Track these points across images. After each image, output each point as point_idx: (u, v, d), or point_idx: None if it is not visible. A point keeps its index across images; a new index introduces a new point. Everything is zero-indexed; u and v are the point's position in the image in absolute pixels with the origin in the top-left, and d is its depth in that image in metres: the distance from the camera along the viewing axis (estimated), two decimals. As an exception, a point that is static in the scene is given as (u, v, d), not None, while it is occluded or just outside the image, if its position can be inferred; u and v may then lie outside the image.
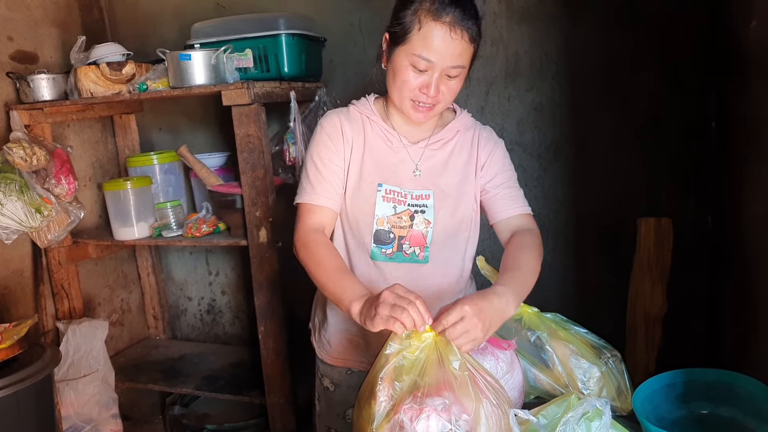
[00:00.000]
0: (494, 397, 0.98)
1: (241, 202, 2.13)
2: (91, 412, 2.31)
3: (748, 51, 1.64)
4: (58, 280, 2.41)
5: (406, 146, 1.35)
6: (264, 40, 2.13)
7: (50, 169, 2.20)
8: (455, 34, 1.19)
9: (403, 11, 1.22)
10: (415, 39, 1.20)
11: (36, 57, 2.42)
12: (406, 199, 1.33)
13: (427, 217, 1.33)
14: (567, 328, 1.34)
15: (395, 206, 1.32)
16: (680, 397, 1.23)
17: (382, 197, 1.31)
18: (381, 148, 1.35)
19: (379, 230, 1.32)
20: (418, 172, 1.35)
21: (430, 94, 1.23)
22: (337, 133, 1.34)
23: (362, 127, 1.36)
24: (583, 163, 2.25)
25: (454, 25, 1.18)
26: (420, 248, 1.34)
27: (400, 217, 1.32)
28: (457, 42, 1.19)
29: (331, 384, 1.50)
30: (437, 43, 1.19)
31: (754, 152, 1.60)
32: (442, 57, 1.20)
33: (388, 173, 1.34)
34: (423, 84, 1.23)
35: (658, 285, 2.06)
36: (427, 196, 1.33)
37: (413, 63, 1.21)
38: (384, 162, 1.34)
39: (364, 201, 1.32)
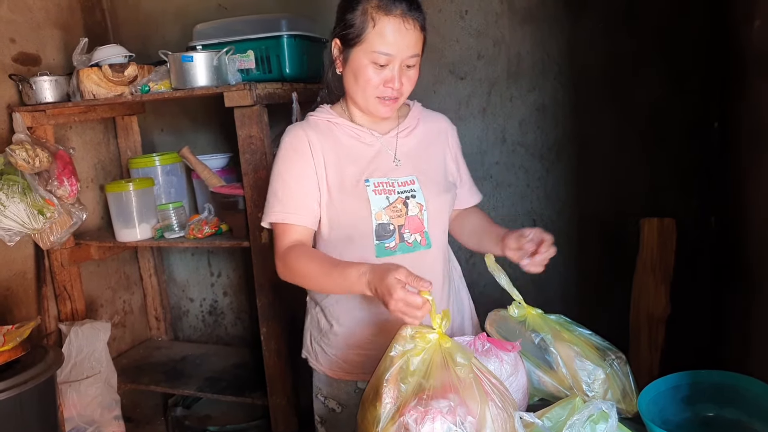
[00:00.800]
0: (499, 399, 0.98)
1: (244, 203, 2.13)
2: (94, 413, 2.31)
3: (751, 51, 1.63)
4: (61, 281, 2.41)
5: (378, 138, 1.37)
6: (266, 41, 2.13)
7: (53, 170, 2.20)
8: (408, 24, 1.24)
9: (350, 13, 1.26)
10: (371, 36, 1.24)
11: (38, 59, 2.43)
12: (395, 187, 1.33)
13: (419, 201, 1.34)
14: (571, 330, 1.33)
15: (387, 197, 1.32)
16: (685, 399, 1.22)
17: (372, 191, 1.31)
18: (355, 146, 1.36)
19: (379, 225, 1.31)
20: (397, 161, 1.37)
21: (395, 87, 1.27)
22: (304, 145, 1.32)
23: (329, 131, 1.35)
24: (585, 163, 2.24)
25: (405, 16, 1.23)
26: (420, 234, 1.35)
27: (394, 206, 1.32)
28: (410, 32, 1.24)
29: (338, 405, 1.44)
30: (393, 37, 1.23)
31: (757, 152, 1.59)
32: (399, 49, 1.24)
33: (371, 167, 1.34)
34: (385, 79, 1.27)
35: (661, 286, 2.06)
36: (413, 181, 1.35)
37: (373, 60, 1.25)
38: (362, 158, 1.35)
39: (356, 200, 1.31)
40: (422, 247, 1.35)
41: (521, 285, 1.48)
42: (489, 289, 2.37)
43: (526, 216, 2.33)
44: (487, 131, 2.32)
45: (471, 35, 2.28)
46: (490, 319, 1.39)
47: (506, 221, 2.36)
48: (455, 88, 2.32)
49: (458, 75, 2.32)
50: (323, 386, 1.45)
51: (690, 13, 2.03)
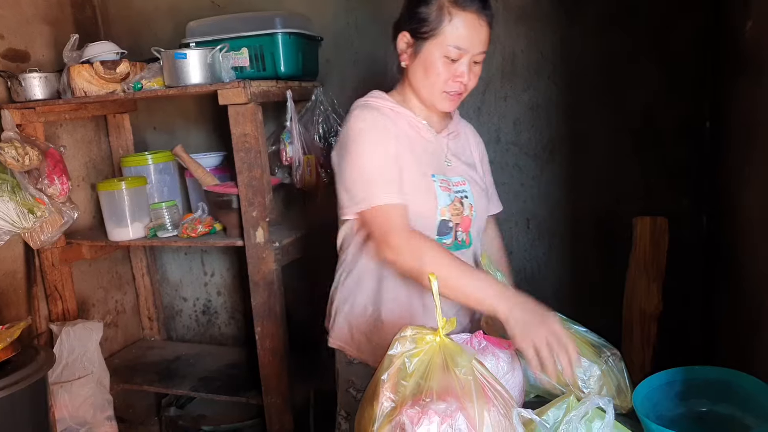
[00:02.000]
0: (502, 406, 0.97)
1: (238, 202, 2.12)
2: (86, 414, 2.29)
3: (744, 51, 1.65)
4: (52, 281, 2.38)
5: (435, 136, 1.39)
6: (260, 38, 2.12)
7: (43, 169, 2.17)
8: (482, 21, 1.27)
9: (424, 7, 1.28)
10: (447, 30, 1.26)
11: (27, 55, 2.40)
12: (451, 187, 1.35)
13: (470, 202, 1.38)
14: (567, 327, 1.33)
15: (449, 195, 1.34)
16: (679, 395, 1.23)
17: (439, 187, 1.33)
18: (416, 138, 1.37)
19: (441, 221, 1.33)
20: (447, 161, 1.39)
21: (464, 81, 1.29)
22: (386, 126, 1.30)
23: (396, 119, 1.35)
24: (579, 162, 2.25)
25: (479, 13, 1.27)
26: (466, 233, 1.38)
27: (455, 204, 1.35)
28: (483, 28, 1.28)
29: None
30: (468, 32, 1.26)
31: (749, 152, 1.61)
32: (473, 44, 1.27)
33: (432, 162, 1.36)
34: (455, 73, 1.29)
35: (653, 284, 2.07)
36: (464, 182, 1.39)
37: (446, 54, 1.27)
38: (424, 152, 1.36)
39: (425, 194, 1.31)
40: (465, 246, 1.39)
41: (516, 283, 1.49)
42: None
43: (519, 215, 2.34)
44: (481, 130, 2.27)
45: (465, 34, 2.28)
46: (486, 317, 1.39)
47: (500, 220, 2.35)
48: (449, 87, 2.32)
49: (452, 74, 2.32)
50: (358, 379, 1.41)
51: (683, 13, 2.04)
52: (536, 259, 2.37)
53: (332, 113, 2.35)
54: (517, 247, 2.36)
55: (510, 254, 2.35)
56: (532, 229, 2.34)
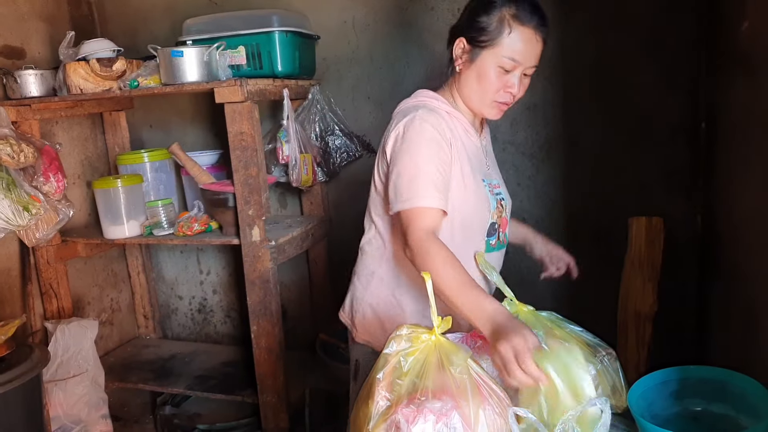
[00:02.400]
0: (497, 405, 0.98)
1: (234, 200, 2.12)
2: (81, 412, 2.28)
3: (739, 52, 1.65)
4: (47, 279, 2.38)
5: (479, 139, 1.45)
6: (257, 37, 2.11)
7: (38, 166, 2.17)
8: (539, 36, 1.31)
9: (485, 16, 1.30)
10: (505, 42, 1.29)
11: (23, 52, 2.39)
12: (492, 190, 1.41)
13: (506, 203, 1.45)
14: (562, 327, 1.34)
15: (495, 198, 1.41)
16: (674, 395, 1.24)
17: (489, 191, 1.39)
18: (467, 142, 1.40)
19: (491, 223, 1.40)
20: (487, 165, 1.45)
21: (514, 92, 1.33)
22: (444, 132, 1.32)
23: (450, 123, 1.37)
24: (575, 162, 2.26)
25: (537, 29, 1.30)
26: (504, 233, 1.46)
27: (498, 206, 1.42)
28: (539, 44, 1.31)
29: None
30: (525, 46, 1.29)
31: (743, 152, 1.61)
32: (527, 58, 1.30)
33: (481, 166, 1.42)
34: (507, 84, 1.32)
35: (648, 283, 2.08)
36: (499, 185, 1.45)
37: (501, 64, 1.30)
38: (474, 155, 1.40)
39: (479, 197, 1.36)
40: (503, 246, 1.48)
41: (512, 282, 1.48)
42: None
43: (515, 214, 2.30)
44: None
45: (462, 33, 2.28)
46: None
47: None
48: (446, 86, 2.32)
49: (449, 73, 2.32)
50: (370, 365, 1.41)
51: (679, 14, 2.04)
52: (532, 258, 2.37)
53: (329, 112, 2.34)
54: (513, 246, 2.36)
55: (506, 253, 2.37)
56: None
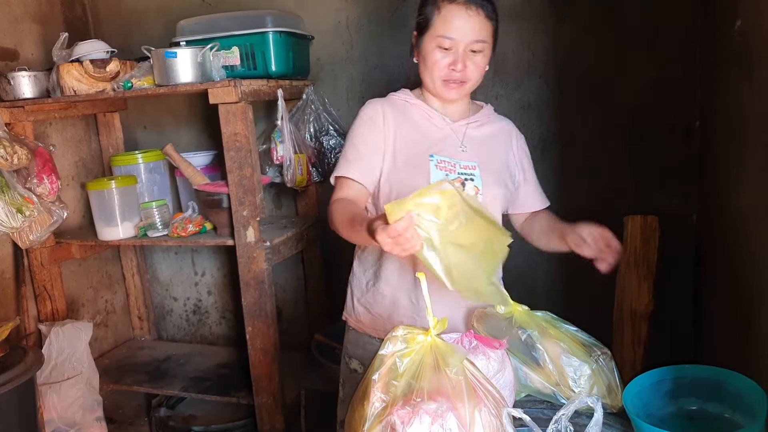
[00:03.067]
0: (493, 406, 0.97)
1: (228, 201, 2.11)
2: (75, 415, 2.27)
3: (733, 51, 1.66)
4: (41, 281, 2.36)
5: (449, 124, 1.46)
6: (251, 37, 2.11)
7: (32, 168, 2.16)
8: (471, 11, 1.33)
9: (424, 5, 1.39)
10: (437, 22, 1.35)
11: (16, 53, 2.38)
12: (455, 168, 1.41)
13: (476, 185, 1.42)
14: (557, 326, 1.34)
15: (447, 174, 1.40)
16: (669, 394, 1.24)
17: (435, 166, 1.39)
18: (426, 125, 1.45)
19: None
20: (463, 147, 1.45)
21: (458, 69, 1.36)
22: (378, 114, 1.43)
23: (405, 109, 1.46)
24: (569, 161, 2.26)
25: (468, 4, 1.33)
26: None
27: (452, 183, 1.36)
28: (473, 18, 1.34)
29: (359, 365, 1.51)
30: (456, 22, 1.34)
31: (738, 151, 1.62)
32: (462, 33, 1.34)
33: (438, 145, 1.42)
34: (451, 61, 1.36)
35: (644, 282, 2.08)
36: (474, 167, 1.43)
37: (438, 44, 1.35)
38: (431, 137, 1.44)
39: (418, 172, 1.39)
40: None
41: (507, 282, 1.49)
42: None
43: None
44: None
45: (456, 33, 2.28)
46: (476, 316, 1.39)
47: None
48: (441, 86, 2.32)
49: (444, 73, 2.32)
50: (350, 345, 1.53)
51: (673, 13, 2.05)
52: (528, 257, 2.37)
53: (323, 112, 2.34)
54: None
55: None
56: (523, 228, 2.34)
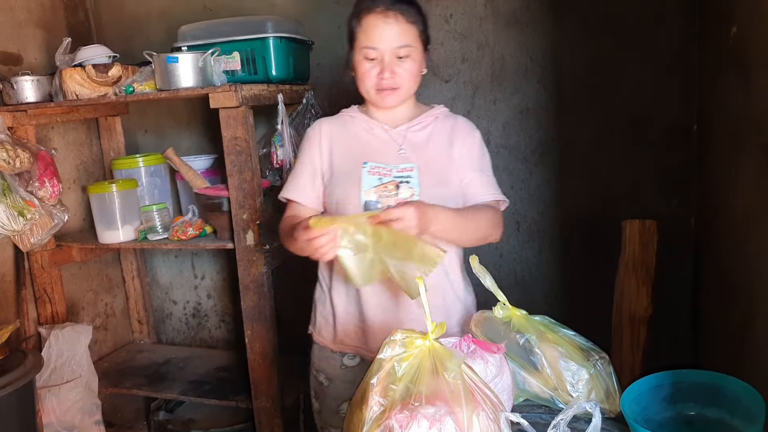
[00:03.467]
0: (491, 410, 0.98)
1: (228, 204, 2.12)
2: (74, 418, 2.27)
3: (730, 56, 1.67)
4: (41, 284, 2.37)
5: (388, 131, 1.49)
6: (252, 42, 2.12)
7: (34, 171, 2.16)
8: (389, 18, 1.37)
9: (349, 19, 1.44)
10: (360, 34, 1.40)
11: (20, 58, 2.39)
12: (391, 172, 1.44)
13: (411, 186, 1.42)
14: (555, 331, 1.34)
15: (380, 178, 1.43)
16: (668, 399, 1.24)
17: (367, 172, 1.44)
18: (365, 137, 1.50)
19: (367, 201, 1.42)
20: (402, 150, 1.47)
21: (386, 77, 1.39)
22: (315, 134, 1.53)
23: (345, 124, 1.53)
24: (568, 165, 2.27)
25: (386, 12, 1.37)
26: None
27: (386, 186, 1.42)
28: (393, 25, 1.37)
29: (325, 379, 1.56)
30: (376, 32, 1.37)
31: (735, 154, 1.62)
32: (384, 41, 1.37)
33: (374, 154, 1.46)
34: (378, 71, 1.40)
35: (643, 286, 2.08)
36: (411, 168, 1.44)
37: (365, 55, 1.40)
38: (369, 146, 1.48)
39: (351, 179, 1.44)
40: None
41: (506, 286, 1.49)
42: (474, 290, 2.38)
43: (509, 217, 2.35)
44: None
45: (455, 38, 2.29)
46: (475, 320, 1.40)
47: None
48: (440, 91, 2.33)
49: (443, 78, 2.33)
50: (315, 359, 1.59)
51: (670, 18, 2.06)
52: (527, 261, 2.38)
53: (323, 116, 2.35)
54: (508, 249, 2.37)
55: (500, 257, 2.38)
56: (522, 231, 2.35)
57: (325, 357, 1.57)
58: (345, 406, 1.53)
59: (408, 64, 1.40)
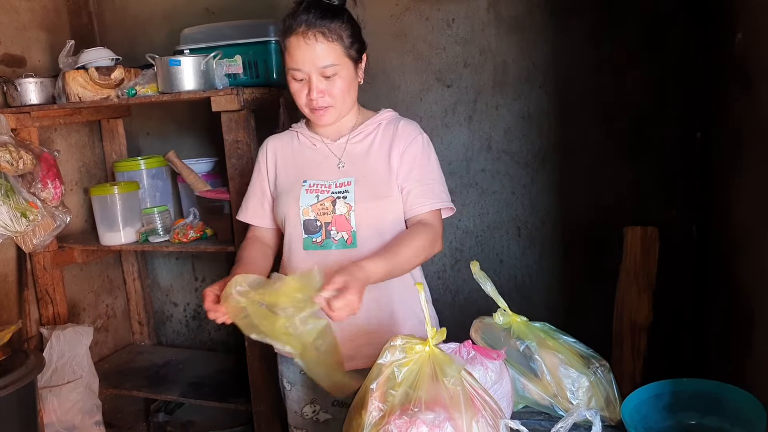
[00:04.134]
0: (490, 417, 0.98)
1: (229, 207, 2.12)
2: (74, 419, 2.28)
3: (733, 63, 1.67)
4: (43, 285, 2.38)
5: (328, 144, 1.49)
6: (254, 46, 2.12)
7: (36, 173, 2.17)
8: (309, 40, 1.34)
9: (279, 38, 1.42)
10: (287, 56, 1.39)
11: (24, 60, 2.40)
12: (330, 188, 1.44)
13: (348, 202, 1.41)
14: (556, 338, 1.34)
15: (317, 195, 1.43)
16: (668, 407, 1.23)
17: (305, 190, 1.45)
18: (307, 152, 1.51)
19: (306, 220, 1.43)
20: (341, 164, 1.46)
21: (314, 97, 1.38)
22: (262, 153, 1.55)
23: (291, 140, 1.54)
24: (569, 171, 2.27)
25: (306, 33, 1.34)
26: (347, 233, 1.42)
27: (322, 203, 1.43)
28: (313, 46, 1.34)
29: (287, 383, 1.61)
30: (297, 54, 1.36)
31: (738, 162, 1.62)
32: (305, 63, 1.36)
33: (314, 171, 1.47)
34: (307, 91, 1.39)
35: (644, 293, 2.08)
36: (349, 182, 1.43)
37: (292, 76, 1.39)
38: (310, 163, 1.49)
39: (291, 197, 1.46)
40: (348, 246, 1.42)
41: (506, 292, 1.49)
42: (474, 296, 2.38)
43: (510, 223, 2.35)
44: (472, 139, 2.34)
45: (458, 43, 2.30)
46: (475, 326, 1.39)
47: (491, 228, 2.38)
48: (441, 96, 2.34)
49: (445, 83, 2.33)
50: (279, 364, 1.65)
51: (673, 24, 2.06)
52: (527, 267, 2.37)
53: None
54: (509, 255, 2.37)
55: (501, 263, 2.38)
56: (523, 237, 2.35)
57: (286, 362, 1.61)
58: (307, 408, 1.58)
59: (337, 82, 1.38)
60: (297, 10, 1.36)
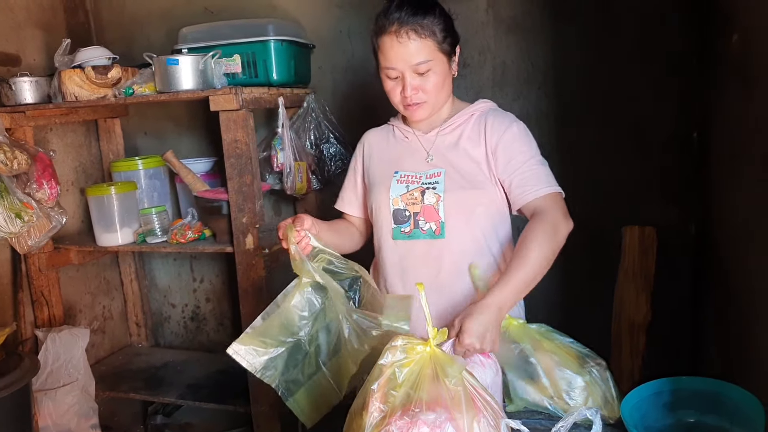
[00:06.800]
0: (491, 417, 0.97)
1: (228, 208, 2.11)
2: (70, 422, 2.26)
3: (729, 64, 1.67)
4: (38, 286, 2.36)
5: (419, 137, 1.51)
6: (253, 45, 2.12)
7: (32, 173, 2.16)
8: (401, 38, 1.35)
9: (371, 38, 1.44)
10: (380, 56, 1.41)
11: (18, 59, 2.38)
12: (420, 179, 1.45)
13: (437, 192, 1.42)
14: (552, 339, 1.34)
15: (408, 185, 1.45)
16: (667, 406, 1.24)
17: (396, 181, 1.47)
18: (400, 145, 1.54)
19: (395, 210, 1.45)
20: (429, 158, 1.48)
21: (408, 94, 1.39)
22: (359, 145, 1.62)
23: (387, 134, 1.58)
24: (568, 172, 2.25)
25: (398, 31, 1.35)
26: (435, 223, 1.42)
27: (411, 193, 1.44)
28: (406, 44, 1.35)
29: None
30: (391, 53, 1.37)
31: (735, 161, 1.63)
32: (399, 61, 1.37)
33: (405, 162, 1.50)
34: (401, 89, 1.40)
35: (642, 293, 2.08)
36: (439, 173, 1.44)
37: (386, 74, 1.41)
38: (402, 154, 1.52)
39: (383, 188, 1.49)
40: (436, 236, 1.42)
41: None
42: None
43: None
44: None
45: (457, 43, 2.29)
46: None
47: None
48: (441, 96, 2.33)
49: (444, 83, 2.33)
50: None
51: (671, 25, 2.06)
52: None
53: (324, 120, 2.35)
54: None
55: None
56: (522, 238, 2.35)
57: None
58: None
59: (431, 77, 1.39)
60: (389, 8, 1.37)
